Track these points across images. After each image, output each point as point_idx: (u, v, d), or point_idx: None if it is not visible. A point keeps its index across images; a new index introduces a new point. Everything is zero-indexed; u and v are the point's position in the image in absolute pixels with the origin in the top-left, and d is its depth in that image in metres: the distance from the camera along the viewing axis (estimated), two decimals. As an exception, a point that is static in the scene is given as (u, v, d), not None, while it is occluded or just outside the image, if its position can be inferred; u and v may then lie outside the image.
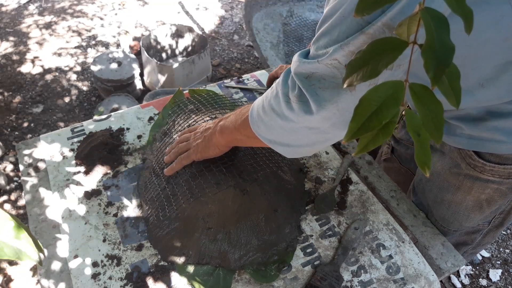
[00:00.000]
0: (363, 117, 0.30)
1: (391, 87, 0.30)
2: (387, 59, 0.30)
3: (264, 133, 0.66)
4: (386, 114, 0.29)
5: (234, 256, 0.77)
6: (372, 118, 0.30)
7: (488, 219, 0.91)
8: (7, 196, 1.81)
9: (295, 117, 0.58)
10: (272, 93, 0.62)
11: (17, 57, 2.52)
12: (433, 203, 0.92)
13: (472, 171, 0.79)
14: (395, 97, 0.30)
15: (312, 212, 0.87)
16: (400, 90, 0.30)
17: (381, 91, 0.30)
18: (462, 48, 0.40)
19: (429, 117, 0.29)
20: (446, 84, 0.29)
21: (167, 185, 0.84)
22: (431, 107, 0.29)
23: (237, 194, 0.80)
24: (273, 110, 0.61)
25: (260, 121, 0.65)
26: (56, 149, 0.96)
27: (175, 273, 0.76)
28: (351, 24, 0.48)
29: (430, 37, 0.27)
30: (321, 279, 0.75)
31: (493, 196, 0.82)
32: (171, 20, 2.91)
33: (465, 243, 0.98)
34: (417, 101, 0.29)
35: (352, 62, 0.32)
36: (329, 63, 0.50)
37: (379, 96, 0.30)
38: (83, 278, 0.75)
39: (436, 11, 0.28)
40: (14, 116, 2.17)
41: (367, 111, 0.30)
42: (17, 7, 2.92)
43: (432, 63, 0.27)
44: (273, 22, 2.30)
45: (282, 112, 0.60)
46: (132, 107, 1.08)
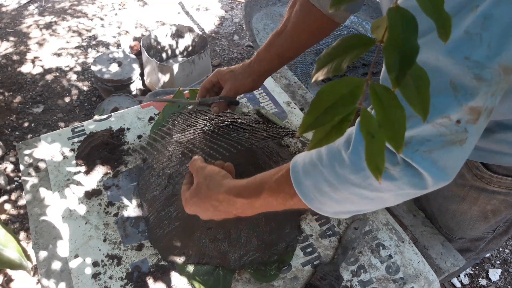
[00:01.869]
0: (318, 110, 0.29)
1: (350, 84, 0.29)
2: (351, 56, 0.30)
3: (331, 208, 0.57)
4: (340, 110, 0.28)
5: (234, 255, 0.77)
6: (326, 112, 0.29)
7: (492, 227, 0.90)
8: (7, 196, 1.82)
9: (397, 184, 0.49)
10: (344, 168, 0.51)
11: (17, 57, 2.52)
12: (438, 212, 0.91)
13: (479, 182, 0.78)
14: (352, 94, 0.29)
15: (312, 212, 0.87)
16: (359, 88, 0.29)
17: (339, 86, 0.29)
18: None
19: (388, 122, 0.28)
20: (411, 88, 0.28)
21: (168, 185, 0.85)
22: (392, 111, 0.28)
23: (237, 194, 0.80)
24: (356, 185, 0.51)
25: (327, 199, 0.55)
26: (56, 149, 0.96)
27: (175, 272, 0.76)
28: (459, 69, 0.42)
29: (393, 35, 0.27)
30: (321, 279, 0.75)
31: (499, 207, 0.81)
32: (171, 20, 2.91)
33: (468, 250, 0.97)
34: (376, 102, 0.28)
35: (321, 58, 0.32)
36: (439, 122, 0.44)
37: (336, 91, 0.29)
38: (84, 278, 0.75)
39: (406, 10, 0.27)
40: (15, 116, 2.18)
41: (323, 105, 0.29)
42: (17, 7, 2.93)
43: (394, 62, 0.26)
44: (273, 22, 2.30)
45: (372, 184, 0.50)
46: (132, 107, 1.08)
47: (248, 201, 0.63)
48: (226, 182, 0.66)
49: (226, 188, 0.64)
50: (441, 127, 0.44)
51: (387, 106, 0.28)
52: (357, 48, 0.30)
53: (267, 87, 1.15)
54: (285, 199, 0.60)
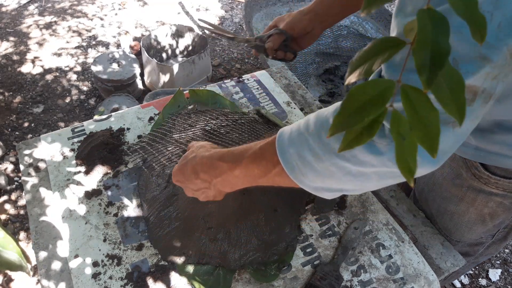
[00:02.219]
0: (349, 111, 0.29)
1: (381, 85, 0.29)
2: (382, 58, 0.30)
3: (312, 182, 0.56)
4: (370, 111, 0.28)
5: (234, 255, 0.77)
6: (356, 113, 0.29)
7: (491, 232, 0.90)
8: (7, 196, 1.82)
9: (383, 160, 0.48)
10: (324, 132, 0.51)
11: (17, 57, 2.52)
12: (437, 213, 0.91)
13: (477, 181, 0.78)
14: (382, 96, 0.29)
15: (312, 212, 0.87)
16: (389, 89, 0.29)
17: (369, 88, 0.29)
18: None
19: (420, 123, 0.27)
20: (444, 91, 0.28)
21: (168, 184, 0.85)
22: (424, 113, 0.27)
23: (237, 194, 0.80)
24: (341, 156, 0.51)
25: (309, 170, 0.54)
26: (56, 149, 0.96)
27: (175, 272, 0.76)
28: (466, 48, 0.42)
29: (423, 36, 0.26)
30: (321, 279, 0.75)
31: (496, 211, 0.81)
32: (171, 20, 2.91)
33: (467, 254, 0.97)
34: (407, 104, 0.28)
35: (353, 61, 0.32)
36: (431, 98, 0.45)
37: (366, 92, 0.29)
38: (84, 278, 0.75)
39: (436, 11, 0.27)
40: (15, 116, 2.18)
41: (353, 106, 0.29)
42: (17, 7, 2.93)
43: (424, 64, 0.26)
44: (273, 22, 2.29)
45: (359, 158, 0.50)
46: (132, 107, 1.08)
47: (229, 166, 0.63)
48: (214, 150, 0.67)
49: (212, 152, 0.66)
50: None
51: (419, 108, 0.28)
52: (388, 50, 0.30)
53: (267, 87, 1.15)
54: (267, 168, 0.60)
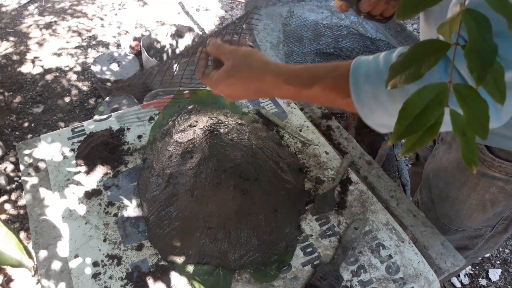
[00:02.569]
0: (408, 119, 0.30)
1: (434, 89, 0.30)
2: (429, 62, 0.31)
3: (378, 118, 0.56)
4: (430, 116, 0.30)
5: (234, 255, 0.77)
6: (417, 120, 0.30)
7: (491, 223, 0.90)
8: (7, 196, 1.82)
9: None
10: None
11: (17, 57, 2.52)
12: (438, 199, 0.92)
13: (480, 165, 0.79)
14: (439, 99, 0.30)
15: (312, 212, 0.87)
16: (444, 92, 0.30)
17: (425, 94, 0.30)
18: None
19: (474, 116, 0.29)
20: (490, 82, 0.29)
21: (167, 185, 0.85)
22: (476, 106, 0.29)
23: (237, 194, 0.80)
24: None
25: (380, 108, 0.54)
26: (56, 149, 0.96)
27: (175, 272, 0.76)
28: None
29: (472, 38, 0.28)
30: (321, 279, 0.75)
31: (498, 197, 0.82)
32: (172, 20, 2.91)
33: (466, 248, 0.97)
34: (462, 101, 0.29)
35: (394, 65, 0.33)
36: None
37: (423, 98, 0.30)
38: (84, 278, 0.75)
39: (477, 11, 0.28)
40: (15, 116, 2.18)
41: (412, 114, 0.30)
42: (17, 7, 2.93)
43: (475, 63, 0.28)
44: (273, 22, 2.30)
45: None
46: (132, 107, 1.08)
47: (296, 89, 0.62)
48: (274, 64, 0.64)
49: (275, 71, 0.63)
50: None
51: (470, 103, 0.29)
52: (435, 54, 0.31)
53: (267, 87, 1.15)
54: (336, 98, 0.59)
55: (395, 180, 1.65)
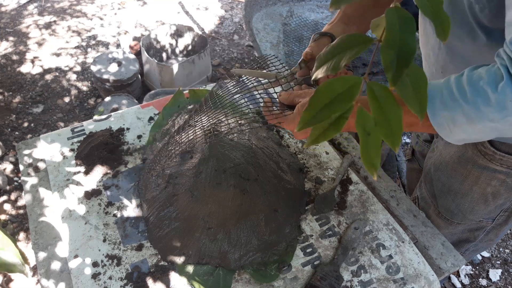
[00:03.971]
0: (316, 108, 0.30)
1: (348, 82, 0.29)
2: (350, 54, 0.30)
3: (457, 135, 0.61)
4: (337, 108, 0.29)
5: (234, 256, 0.77)
6: (324, 109, 0.29)
7: (492, 215, 0.91)
8: (7, 196, 1.81)
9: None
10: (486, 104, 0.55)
11: (17, 57, 2.52)
12: (440, 193, 0.93)
13: (482, 158, 0.80)
14: (349, 93, 0.29)
15: (312, 212, 0.87)
16: (356, 87, 0.29)
17: (337, 85, 0.29)
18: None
19: (385, 120, 0.28)
20: (408, 87, 0.28)
21: (167, 185, 0.84)
22: (388, 110, 0.28)
23: (237, 194, 0.80)
24: (493, 121, 0.55)
25: (459, 129, 0.59)
26: (56, 149, 0.96)
27: (175, 273, 0.76)
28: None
29: (390, 35, 0.27)
30: (321, 279, 0.75)
31: (499, 190, 0.83)
32: (171, 20, 2.91)
33: (467, 240, 0.99)
34: (373, 100, 0.29)
35: (321, 56, 0.32)
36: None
37: (334, 89, 0.29)
38: (83, 278, 0.75)
39: (404, 11, 0.28)
40: (14, 116, 2.17)
41: (320, 102, 0.29)
42: (17, 7, 2.92)
43: (391, 62, 0.27)
44: (273, 22, 2.30)
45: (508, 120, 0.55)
46: (132, 107, 1.08)
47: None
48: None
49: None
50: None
51: (384, 105, 0.28)
52: (356, 47, 0.30)
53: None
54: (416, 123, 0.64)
55: (395, 180, 1.65)
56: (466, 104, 0.57)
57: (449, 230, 0.97)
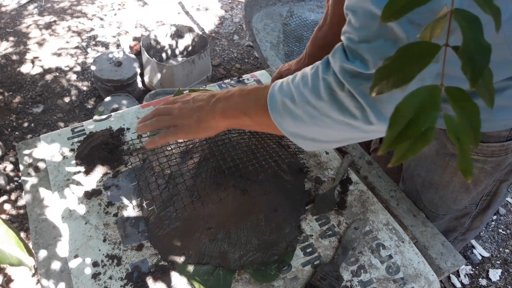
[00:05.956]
0: (400, 125, 0.28)
1: (425, 93, 0.29)
2: (418, 65, 0.29)
3: (289, 126, 0.60)
4: (424, 121, 0.28)
5: (234, 256, 0.77)
6: (410, 126, 0.28)
7: (475, 200, 0.94)
8: (7, 196, 1.81)
9: (338, 110, 0.53)
10: (305, 86, 0.56)
11: (17, 57, 2.52)
12: (421, 188, 0.94)
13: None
14: (432, 102, 0.28)
15: (312, 212, 0.87)
16: (437, 95, 0.28)
17: (417, 97, 0.28)
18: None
19: (466, 121, 0.28)
20: (482, 85, 0.28)
21: (168, 185, 0.84)
22: (468, 110, 0.28)
23: (237, 194, 0.80)
24: (309, 103, 0.56)
25: (286, 114, 0.59)
26: (56, 149, 0.96)
27: (175, 273, 0.76)
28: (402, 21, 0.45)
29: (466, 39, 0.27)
30: (321, 279, 0.75)
31: (479, 177, 0.85)
32: (171, 20, 2.91)
33: (454, 229, 1.01)
34: (454, 104, 0.28)
35: (380, 69, 0.31)
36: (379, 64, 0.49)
37: (415, 102, 0.28)
38: (83, 278, 0.75)
39: (467, 11, 0.28)
40: (14, 116, 2.17)
41: (404, 119, 0.28)
42: (17, 7, 2.92)
43: (469, 64, 0.27)
44: (273, 22, 2.30)
45: (321, 106, 0.55)
46: (132, 107, 1.08)
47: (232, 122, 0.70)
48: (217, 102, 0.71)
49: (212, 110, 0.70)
50: None
51: (463, 107, 0.28)
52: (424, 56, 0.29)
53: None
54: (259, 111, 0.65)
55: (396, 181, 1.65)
56: (293, 86, 0.59)
57: (436, 222, 0.98)
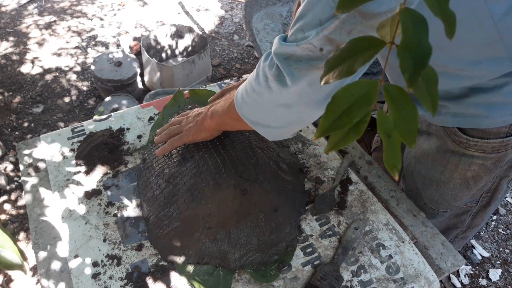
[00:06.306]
0: (334, 114, 0.29)
1: (364, 86, 0.29)
2: (363, 58, 0.30)
3: (248, 114, 0.70)
4: (357, 113, 0.29)
5: (234, 256, 0.77)
6: (343, 116, 0.29)
7: (475, 197, 0.94)
8: (7, 196, 1.81)
9: (273, 94, 0.62)
10: (252, 75, 0.66)
11: (17, 57, 2.52)
12: (422, 185, 0.95)
13: (458, 147, 0.82)
14: (367, 97, 0.29)
15: (312, 212, 0.87)
16: (373, 90, 0.29)
17: (353, 90, 0.29)
18: (439, 39, 0.41)
19: (402, 120, 0.28)
20: (422, 87, 0.28)
21: (167, 184, 0.84)
22: (406, 110, 0.28)
23: (237, 194, 0.80)
24: (254, 90, 0.64)
25: (244, 102, 0.68)
26: (56, 149, 0.96)
27: (175, 273, 0.76)
28: (324, 8, 0.51)
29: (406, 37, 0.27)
30: (321, 279, 0.75)
31: (479, 173, 0.85)
32: (171, 20, 2.91)
33: (455, 227, 1.02)
34: (390, 102, 0.29)
35: (330, 60, 0.32)
36: (305, 47, 0.54)
37: (351, 94, 0.29)
38: (83, 278, 0.75)
39: (416, 12, 0.28)
40: (14, 116, 2.17)
41: (338, 109, 0.29)
42: (17, 7, 2.92)
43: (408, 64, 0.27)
44: (273, 22, 2.30)
45: (261, 91, 0.63)
46: (132, 107, 1.08)
47: (218, 123, 0.82)
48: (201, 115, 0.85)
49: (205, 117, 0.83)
50: (309, 51, 0.54)
51: (400, 106, 0.29)
52: (368, 50, 0.30)
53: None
54: (230, 106, 0.75)
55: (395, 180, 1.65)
56: (248, 76, 0.67)
57: (436, 219, 0.98)
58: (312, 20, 0.52)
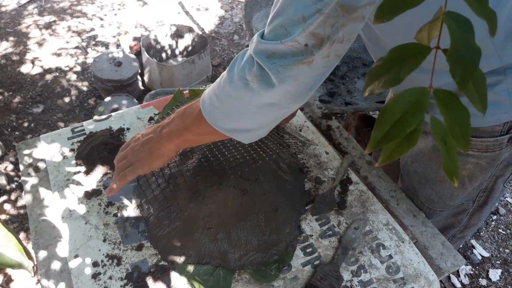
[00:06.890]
0: (387, 125, 0.29)
1: (415, 94, 0.29)
2: (409, 66, 0.29)
3: (222, 123, 0.66)
4: (411, 122, 0.28)
5: (234, 256, 0.77)
6: (396, 126, 0.28)
7: (472, 196, 0.94)
8: (7, 196, 1.81)
9: (256, 96, 0.60)
10: (224, 81, 0.63)
11: (17, 57, 2.52)
12: (418, 184, 0.95)
13: None
14: (419, 104, 0.28)
15: (312, 212, 0.87)
16: (425, 97, 0.29)
17: (405, 98, 0.29)
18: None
19: (455, 124, 0.28)
20: (472, 89, 0.28)
21: (167, 185, 0.84)
22: (457, 113, 0.28)
23: (237, 194, 0.80)
24: (230, 96, 0.62)
25: (216, 111, 0.65)
26: (56, 149, 0.96)
27: (175, 273, 0.76)
28: (305, 3, 0.51)
29: (455, 41, 0.27)
30: (321, 279, 0.75)
31: (474, 172, 0.85)
32: (171, 20, 2.91)
33: (452, 226, 1.02)
34: (442, 107, 0.28)
35: (372, 70, 0.31)
36: (290, 44, 0.54)
37: (403, 103, 0.29)
38: (83, 278, 0.75)
39: (459, 14, 0.27)
40: (14, 116, 2.17)
41: (391, 119, 0.29)
42: (17, 7, 2.92)
43: (458, 67, 0.26)
44: (273, 22, 2.29)
45: (240, 96, 0.61)
46: (132, 107, 1.08)
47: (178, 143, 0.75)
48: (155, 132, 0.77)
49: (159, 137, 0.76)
50: (293, 48, 0.54)
51: (452, 110, 0.28)
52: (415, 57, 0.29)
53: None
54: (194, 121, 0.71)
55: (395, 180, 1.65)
56: (216, 85, 0.65)
57: (433, 218, 0.99)
58: (294, 16, 0.52)
